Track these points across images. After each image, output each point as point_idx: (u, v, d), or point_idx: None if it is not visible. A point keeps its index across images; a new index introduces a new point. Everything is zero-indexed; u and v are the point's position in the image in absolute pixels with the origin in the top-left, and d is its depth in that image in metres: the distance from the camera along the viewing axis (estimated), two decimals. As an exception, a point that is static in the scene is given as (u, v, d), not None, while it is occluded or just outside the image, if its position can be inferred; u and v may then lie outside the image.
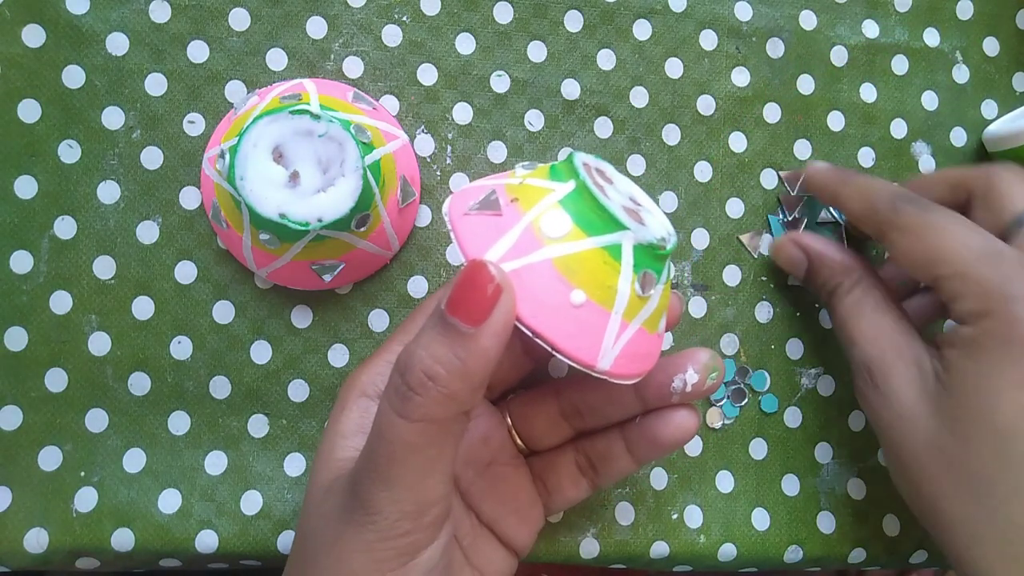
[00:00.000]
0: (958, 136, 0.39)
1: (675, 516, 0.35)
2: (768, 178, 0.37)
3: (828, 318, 0.37)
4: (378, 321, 0.35)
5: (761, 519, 0.36)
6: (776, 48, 0.38)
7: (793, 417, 0.37)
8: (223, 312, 0.34)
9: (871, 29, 0.39)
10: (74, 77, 0.33)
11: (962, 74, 0.39)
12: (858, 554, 0.36)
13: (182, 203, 0.34)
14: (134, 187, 0.34)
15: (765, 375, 0.37)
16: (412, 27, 0.35)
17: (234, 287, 0.34)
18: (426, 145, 0.35)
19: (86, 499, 0.32)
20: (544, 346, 0.23)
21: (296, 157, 0.29)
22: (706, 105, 0.37)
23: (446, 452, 0.23)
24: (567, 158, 0.25)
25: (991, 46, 0.40)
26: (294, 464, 0.34)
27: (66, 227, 0.33)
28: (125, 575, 0.36)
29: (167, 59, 0.34)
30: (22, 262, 0.33)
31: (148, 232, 0.34)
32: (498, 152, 0.36)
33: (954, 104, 0.39)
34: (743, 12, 0.38)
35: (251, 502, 0.33)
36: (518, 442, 0.31)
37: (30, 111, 0.33)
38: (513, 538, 0.30)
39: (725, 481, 0.36)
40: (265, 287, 0.34)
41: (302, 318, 0.34)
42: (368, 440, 0.23)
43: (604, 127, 0.36)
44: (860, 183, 0.32)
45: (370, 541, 0.23)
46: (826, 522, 0.36)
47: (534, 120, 0.36)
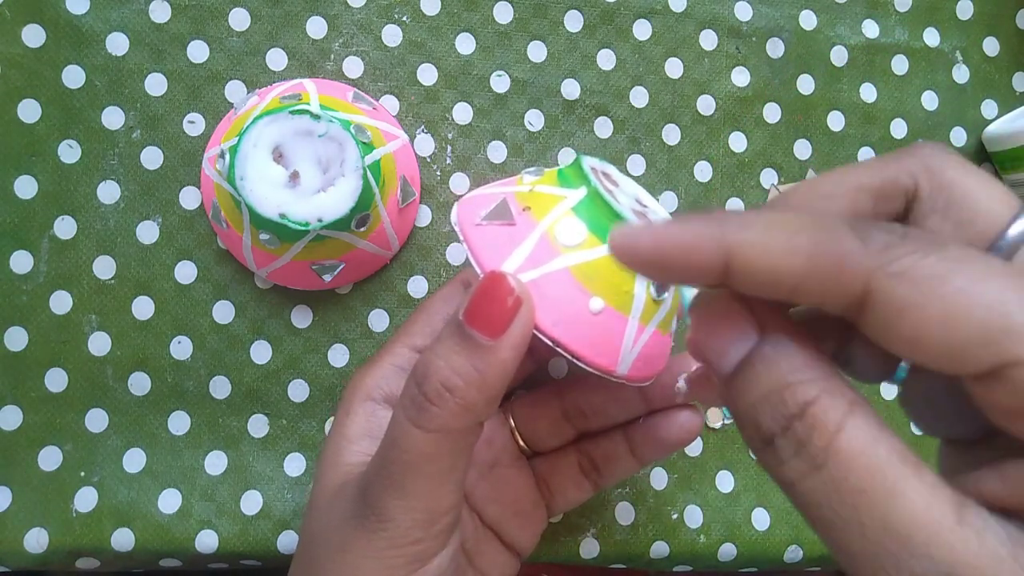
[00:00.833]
0: (958, 136, 0.39)
1: (675, 516, 0.35)
2: (768, 178, 0.37)
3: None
4: (378, 321, 0.35)
5: (761, 519, 0.36)
6: (776, 48, 0.38)
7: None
8: (223, 312, 0.34)
9: (871, 29, 0.39)
10: (74, 77, 0.33)
11: (962, 74, 0.39)
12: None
13: (182, 203, 0.34)
14: (134, 187, 0.34)
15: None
16: (412, 27, 0.35)
17: (234, 287, 0.34)
18: (426, 145, 0.35)
19: (86, 499, 0.32)
20: (564, 354, 0.23)
21: (296, 157, 0.29)
22: (706, 105, 0.37)
23: (459, 462, 0.23)
24: (574, 162, 0.25)
25: (991, 46, 0.40)
26: (294, 464, 0.34)
27: (66, 227, 0.33)
28: (125, 575, 0.35)
29: (167, 59, 0.34)
30: (22, 262, 0.33)
31: (148, 232, 0.34)
32: (498, 152, 0.36)
33: (954, 104, 0.39)
34: (743, 12, 0.38)
35: (251, 502, 0.33)
36: (521, 443, 0.31)
37: (30, 111, 0.33)
38: (516, 540, 0.30)
39: (725, 481, 0.36)
40: (265, 287, 0.34)
41: (302, 318, 0.34)
42: (381, 447, 0.23)
43: (604, 127, 0.36)
44: (771, 217, 0.17)
45: (381, 548, 0.23)
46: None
47: (534, 120, 0.36)
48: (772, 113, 0.38)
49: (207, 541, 0.33)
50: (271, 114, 0.29)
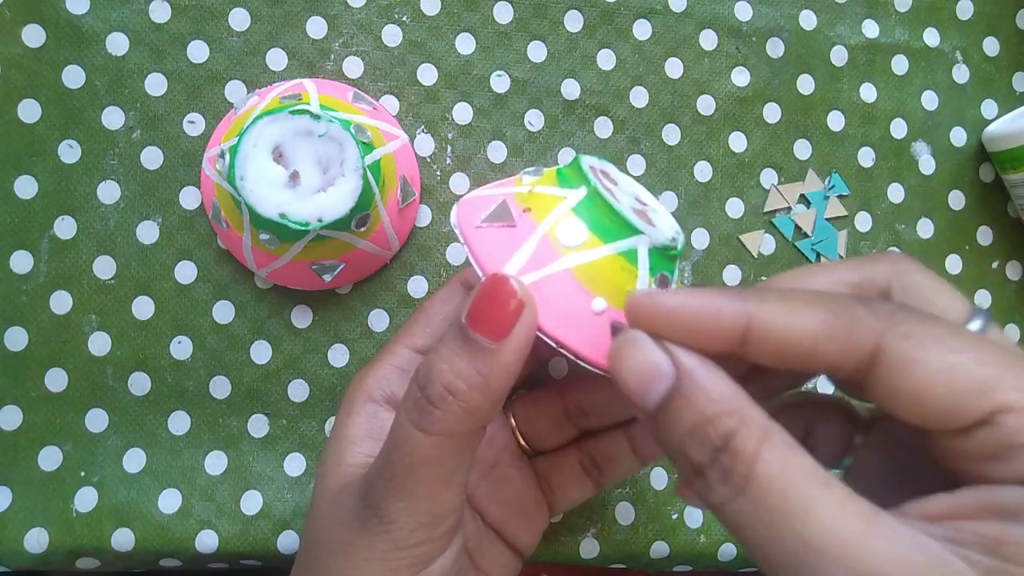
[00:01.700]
0: (958, 136, 0.39)
1: (675, 516, 0.35)
2: (768, 178, 0.37)
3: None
4: (378, 321, 0.35)
5: (761, 519, 0.36)
6: (776, 48, 0.38)
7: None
8: (223, 312, 0.34)
9: (871, 29, 0.39)
10: (74, 77, 0.33)
11: (962, 74, 0.39)
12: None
13: (182, 203, 0.34)
14: (134, 187, 0.34)
15: (765, 375, 0.37)
16: (412, 27, 0.35)
17: (234, 287, 0.34)
18: (426, 145, 0.35)
19: (86, 499, 0.32)
20: (567, 355, 0.23)
21: (296, 157, 0.29)
22: (706, 105, 0.37)
23: (462, 465, 0.23)
24: (573, 162, 0.25)
25: (991, 46, 0.40)
26: (294, 464, 0.34)
27: (66, 227, 0.33)
28: (125, 575, 0.35)
29: (167, 59, 0.34)
30: (22, 262, 0.33)
31: (148, 232, 0.34)
32: (498, 152, 0.36)
33: (954, 104, 0.39)
34: (743, 12, 0.38)
35: (251, 502, 0.33)
36: (522, 443, 0.31)
37: (30, 111, 0.33)
38: (518, 539, 0.30)
39: (725, 481, 0.36)
40: (265, 287, 0.34)
41: (302, 318, 0.34)
42: (384, 450, 0.23)
43: (604, 127, 0.36)
44: (787, 291, 0.20)
45: (384, 550, 0.23)
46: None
47: (534, 120, 0.36)
48: (772, 113, 0.38)
49: (207, 541, 0.33)
50: (271, 114, 0.29)
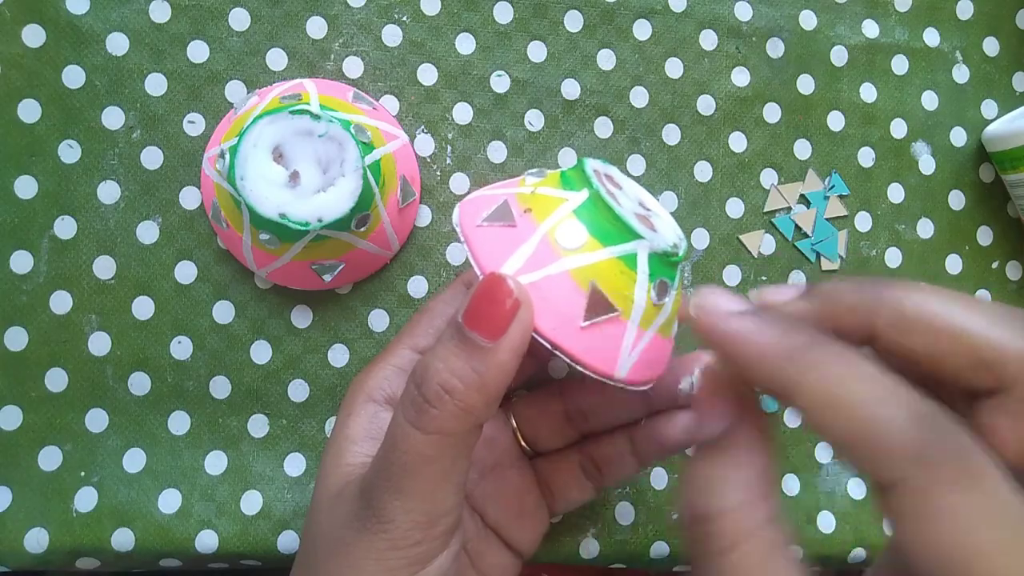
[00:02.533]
0: (958, 136, 0.39)
1: (675, 516, 0.35)
2: (768, 178, 0.37)
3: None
4: (378, 321, 0.35)
5: (761, 519, 0.36)
6: (776, 48, 0.38)
7: (793, 417, 0.37)
8: (223, 312, 0.34)
9: (871, 29, 0.39)
10: (74, 77, 0.33)
11: (962, 74, 0.39)
12: (858, 554, 0.36)
13: (182, 203, 0.34)
14: (134, 187, 0.34)
15: (765, 375, 0.37)
16: (412, 27, 0.35)
17: (234, 287, 0.34)
18: (426, 145, 0.35)
19: (86, 499, 0.32)
20: (563, 358, 0.23)
21: (296, 157, 0.29)
22: (706, 105, 0.37)
23: (459, 464, 0.23)
24: (577, 165, 0.25)
25: (991, 46, 0.40)
26: (294, 464, 0.34)
27: (66, 227, 0.33)
28: (125, 575, 0.35)
29: (167, 59, 0.34)
30: (22, 262, 0.33)
31: (148, 232, 0.34)
32: (498, 152, 0.36)
33: (954, 104, 0.39)
34: (743, 12, 0.38)
35: (251, 502, 0.33)
36: (523, 444, 0.31)
37: (30, 111, 0.33)
38: (518, 541, 0.30)
39: (725, 481, 0.36)
40: (265, 287, 0.34)
41: (302, 318, 0.34)
42: (381, 449, 0.24)
43: (604, 127, 0.36)
44: (851, 367, 0.18)
45: (381, 549, 0.23)
46: (826, 522, 0.36)
47: (534, 120, 0.36)
48: (772, 113, 0.38)
49: (207, 541, 0.33)
50: (271, 114, 0.29)
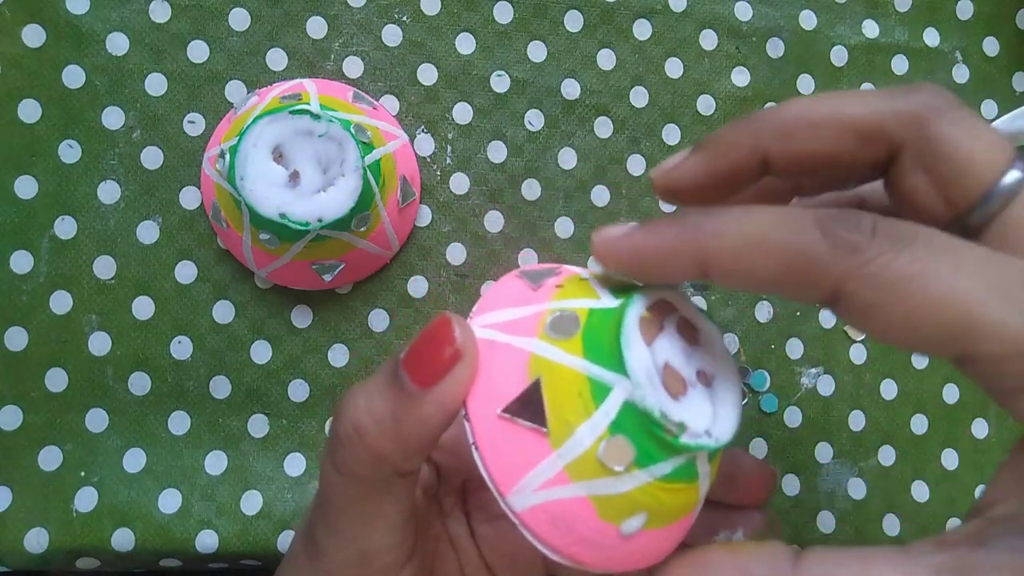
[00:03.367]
0: (958, 136, 0.39)
1: None
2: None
3: (828, 319, 0.37)
4: (378, 321, 0.35)
5: (761, 519, 0.36)
6: (776, 48, 0.38)
7: (793, 417, 0.37)
8: (223, 312, 0.34)
9: (871, 29, 0.39)
10: (74, 77, 0.33)
11: (962, 74, 0.39)
12: (858, 554, 0.36)
13: (182, 203, 0.34)
14: (134, 187, 0.34)
15: (765, 375, 0.37)
16: (412, 27, 0.35)
17: (234, 287, 0.34)
18: (426, 145, 0.35)
19: (86, 499, 0.32)
20: (468, 437, 0.19)
21: (296, 157, 0.29)
22: (706, 105, 0.37)
23: (386, 508, 0.21)
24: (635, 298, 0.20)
25: (991, 46, 0.40)
26: (294, 464, 0.34)
27: (66, 227, 0.33)
28: (125, 575, 0.35)
29: (167, 59, 0.34)
30: (22, 262, 0.33)
31: (148, 232, 0.34)
32: (498, 152, 0.36)
33: (954, 104, 0.39)
34: (743, 12, 0.38)
35: (251, 502, 0.33)
36: None
37: (30, 111, 0.33)
38: None
39: (725, 481, 0.36)
40: (265, 287, 0.34)
41: (302, 318, 0.34)
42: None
43: (604, 127, 0.36)
44: (742, 222, 0.18)
45: None
46: (826, 522, 0.36)
47: (534, 120, 0.36)
48: (772, 113, 0.38)
49: (207, 541, 0.33)
50: (271, 114, 0.29)
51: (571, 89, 0.36)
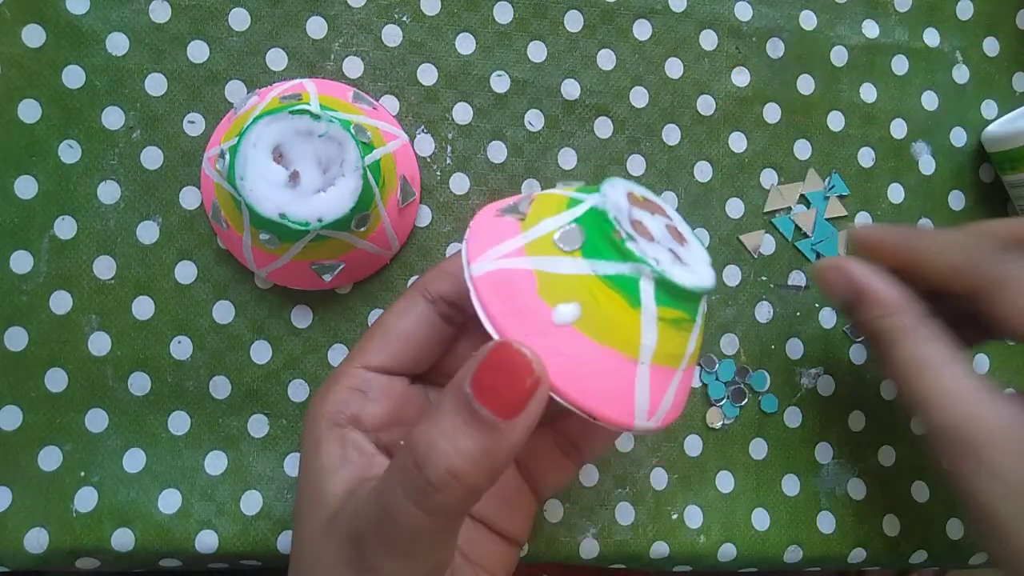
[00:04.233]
0: (958, 136, 0.39)
1: (675, 516, 0.35)
2: (768, 178, 0.37)
3: (828, 318, 0.37)
4: (378, 321, 0.35)
5: (761, 519, 0.36)
6: (776, 48, 0.38)
7: (793, 417, 0.37)
8: (223, 312, 0.34)
9: (871, 29, 0.39)
10: (74, 77, 0.33)
11: (962, 74, 0.39)
12: (858, 554, 0.36)
13: (182, 203, 0.34)
14: (134, 187, 0.34)
15: (765, 375, 0.37)
16: (412, 27, 0.35)
17: (234, 287, 0.34)
18: (426, 145, 0.35)
19: (86, 499, 0.32)
20: (572, 408, 0.21)
21: (296, 157, 0.29)
22: (706, 105, 0.37)
23: (460, 524, 0.22)
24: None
25: (991, 46, 0.40)
26: (294, 464, 0.34)
27: (66, 227, 0.33)
28: (125, 575, 0.35)
29: (167, 59, 0.34)
30: (22, 262, 0.33)
31: (148, 232, 0.34)
32: (498, 152, 0.36)
33: (954, 104, 0.39)
34: (743, 12, 0.38)
35: (251, 502, 0.33)
36: None
37: (30, 111, 0.33)
38: (508, 529, 0.29)
39: (725, 481, 0.36)
40: (265, 287, 0.34)
41: (302, 318, 0.34)
42: (375, 511, 0.22)
43: (604, 127, 0.36)
44: (945, 237, 0.29)
45: None
46: (826, 522, 0.36)
47: (534, 120, 0.36)
48: (772, 113, 0.38)
49: (207, 541, 0.33)
50: (271, 114, 0.29)
51: (571, 89, 0.36)
